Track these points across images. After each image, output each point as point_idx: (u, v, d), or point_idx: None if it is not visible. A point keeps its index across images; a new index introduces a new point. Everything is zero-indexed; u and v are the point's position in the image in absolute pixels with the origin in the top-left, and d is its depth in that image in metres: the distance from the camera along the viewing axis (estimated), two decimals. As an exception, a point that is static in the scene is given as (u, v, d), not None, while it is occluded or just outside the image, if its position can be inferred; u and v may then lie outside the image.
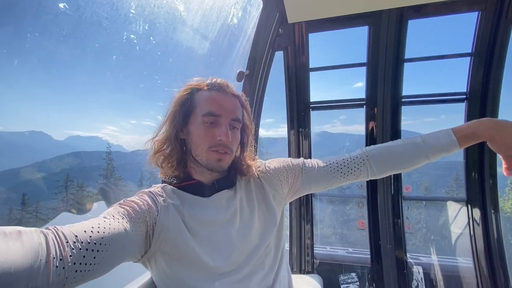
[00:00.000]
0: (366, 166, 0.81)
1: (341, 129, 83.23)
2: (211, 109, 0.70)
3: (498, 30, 1.50)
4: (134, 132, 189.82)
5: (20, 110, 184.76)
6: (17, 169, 33.11)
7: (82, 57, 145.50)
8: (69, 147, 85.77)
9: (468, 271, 1.67)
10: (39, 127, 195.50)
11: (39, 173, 32.82)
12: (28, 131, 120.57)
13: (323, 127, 57.33)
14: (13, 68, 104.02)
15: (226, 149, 0.70)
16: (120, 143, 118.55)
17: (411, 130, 64.26)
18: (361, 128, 1.82)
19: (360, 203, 1.92)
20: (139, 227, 0.60)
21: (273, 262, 0.77)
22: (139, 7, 2.14)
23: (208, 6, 1.67)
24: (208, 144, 0.69)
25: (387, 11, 1.62)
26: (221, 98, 0.72)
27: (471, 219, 1.66)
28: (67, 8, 35.20)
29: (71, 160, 40.71)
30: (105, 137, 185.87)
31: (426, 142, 0.78)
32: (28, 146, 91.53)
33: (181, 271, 0.65)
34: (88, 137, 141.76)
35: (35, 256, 0.39)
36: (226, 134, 0.68)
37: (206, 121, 0.70)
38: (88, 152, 43.72)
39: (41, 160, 39.52)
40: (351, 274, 1.81)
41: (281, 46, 1.81)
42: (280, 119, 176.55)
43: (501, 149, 0.74)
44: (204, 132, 0.70)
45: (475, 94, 1.62)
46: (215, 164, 0.70)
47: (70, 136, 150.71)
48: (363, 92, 1.83)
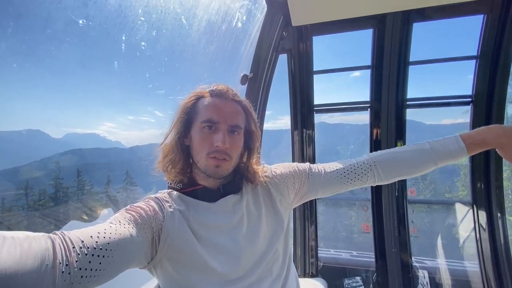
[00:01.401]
0: (373, 172, 0.81)
1: (340, 119, 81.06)
2: (209, 115, 0.70)
3: (503, 33, 1.49)
4: (133, 128, 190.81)
5: (16, 109, 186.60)
6: (18, 167, 33.31)
7: (79, 55, 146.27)
8: (67, 145, 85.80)
9: (474, 275, 1.65)
10: (36, 125, 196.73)
11: (40, 171, 32.89)
12: (25, 130, 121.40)
13: (321, 118, 57.83)
14: (9, 67, 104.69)
15: (224, 155, 0.70)
16: (118, 140, 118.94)
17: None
18: (361, 118, 1.83)
19: (365, 206, 1.91)
20: (145, 233, 0.60)
21: (281, 269, 0.77)
22: (146, 14, 2.15)
23: (214, 10, 1.68)
24: (206, 150, 0.69)
25: (392, 14, 1.61)
26: (220, 104, 0.72)
27: (477, 223, 1.65)
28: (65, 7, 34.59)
29: (70, 157, 40.87)
30: (103, 134, 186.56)
31: (434, 148, 0.78)
32: (27, 144, 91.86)
33: (188, 276, 0.65)
34: (86, 134, 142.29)
35: (42, 260, 0.40)
36: (222, 140, 0.68)
37: (205, 127, 0.70)
38: (88, 149, 43.74)
39: (39, 158, 39.70)
40: (356, 278, 1.80)
41: (285, 49, 1.81)
42: (278, 110, 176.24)
43: (511, 155, 0.73)
44: (203, 138, 0.70)
45: (480, 97, 1.61)
46: (213, 171, 0.70)
47: (68, 133, 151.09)
48: (361, 82, 1.83)
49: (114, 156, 21.36)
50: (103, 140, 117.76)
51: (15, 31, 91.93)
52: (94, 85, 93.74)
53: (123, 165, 22.20)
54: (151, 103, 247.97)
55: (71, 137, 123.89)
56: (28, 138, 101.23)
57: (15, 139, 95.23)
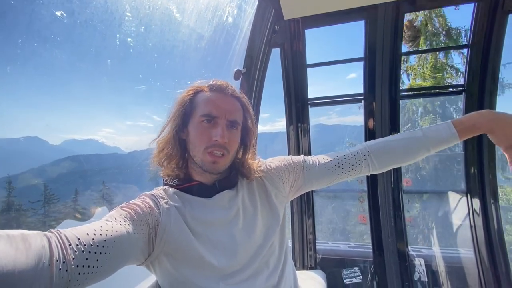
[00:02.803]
0: (367, 161, 0.82)
1: (337, 121, 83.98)
2: (208, 109, 0.70)
3: (494, 20, 1.50)
4: (131, 134, 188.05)
5: (15, 117, 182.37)
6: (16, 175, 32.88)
7: (76, 61, 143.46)
8: (65, 152, 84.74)
9: (469, 261, 1.69)
10: (34, 132, 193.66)
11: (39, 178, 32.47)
12: (23, 137, 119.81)
13: (319, 119, 57.54)
14: (6, 74, 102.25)
15: (222, 150, 0.70)
16: (117, 145, 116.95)
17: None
18: (357, 119, 1.83)
19: (361, 197, 1.93)
20: (141, 230, 0.60)
21: (278, 261, 0.78)
22: (134, 9, 2.12)
23: (204, 5, 1.66)
24: (204, 144, 0.70)
25: (383, 5, 1.61)
26: (220, 99, 0.72)
27: (471, 210, 1.67)
28: (63, 14, 33.81)
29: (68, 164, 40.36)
30: (101, 140, 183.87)
31: (427, 135, 0.79)
32: (25, 152, 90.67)
33: (186, 272, 0.65)
34: (84, 141, 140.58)
35: (39, 258, 0.40)
36: (221, 135, 0.68)
37: (204, 121, 0.70)
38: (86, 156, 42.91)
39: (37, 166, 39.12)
40: (354, 268, 1.82)
41: (278, 43, 1.80)
42: (276, 113, 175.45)
43: (502, 139, 0.74)
44: (201, 132, 0.70)
45: (472, 85, 1.63)
46: (209, 166, 0.70)
47: (66, 140, 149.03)
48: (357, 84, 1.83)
49: (113, 162, 21.00)
50: (102, 146, 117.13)
51: (8, 37, 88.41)
52: (91, 91, 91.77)
53: (122, 170, 21.92)
54: (149, 108, 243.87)
55: (69, 143, 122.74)
56: (26, 145, 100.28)
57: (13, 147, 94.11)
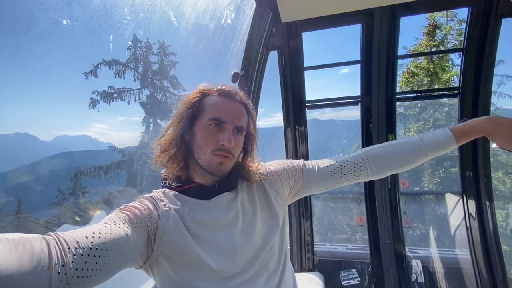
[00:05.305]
0: (365, 167, 0.82)
1: (331, 116, 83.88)
2: (218, 114, 0.71)
3: (488, 25, 1.52)
4: (124, 129, 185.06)
5: (2, 113, 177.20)
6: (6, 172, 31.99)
7: (64, 56, 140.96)
8: (57, 148, 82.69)
9: (465, 262, 1.70)
10: (23, 128, 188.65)
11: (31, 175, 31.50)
12: (13, 134, 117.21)
13: (313, 114, 58.18)
14: None
15: (228, 154, 0.72)
16: (110, 141, 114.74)
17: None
18: (351, 114, 1.85)
19: (359, 199, 1.94)
20: (140, 232, 0.60)
21: (277, 264, 0.78)
22: (132, 13, 2.12)
23: (202, 8, 1.66)
24: (211, 147, 0.71)
25: (379, 9, 1.63)
26: (229, 105, 0.74)
27: (467, 212, 1.69)
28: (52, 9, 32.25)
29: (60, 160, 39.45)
30: (94, 136, 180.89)
31: (424, 140, 0.80)
32: (15, 148, 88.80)
33: (184, 274, 0.65)
34: (76, 137, 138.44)
35: (37, 262, 0.40)
36: (229, 139, 0.70)
37: (212, 125, 0.71)
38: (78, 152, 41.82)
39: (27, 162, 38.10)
40: (352, 270, 1.83)
41: (275, 46, 1.81)
42: (271, 108, 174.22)
43: (503, 142, 0.75)
44: (208, 135, 0.71)
45: (467, 88, 1.65)
46: (216, 167, 0.71)
47: (57, 136, 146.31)
48: (350, 77, 1.85)
49: (107, 158, 20.54)
50: (95, 142, 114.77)
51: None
52: (81, 86, 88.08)
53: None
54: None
55: (61, 139, 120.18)
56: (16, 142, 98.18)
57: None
